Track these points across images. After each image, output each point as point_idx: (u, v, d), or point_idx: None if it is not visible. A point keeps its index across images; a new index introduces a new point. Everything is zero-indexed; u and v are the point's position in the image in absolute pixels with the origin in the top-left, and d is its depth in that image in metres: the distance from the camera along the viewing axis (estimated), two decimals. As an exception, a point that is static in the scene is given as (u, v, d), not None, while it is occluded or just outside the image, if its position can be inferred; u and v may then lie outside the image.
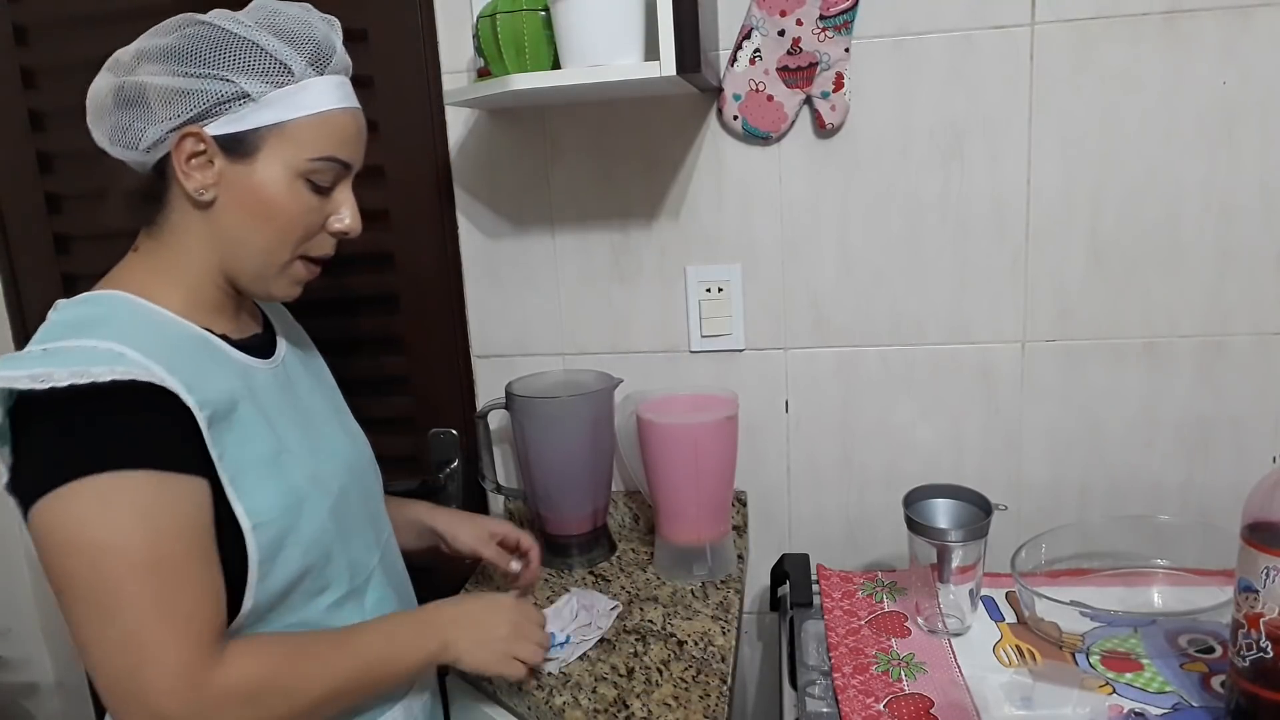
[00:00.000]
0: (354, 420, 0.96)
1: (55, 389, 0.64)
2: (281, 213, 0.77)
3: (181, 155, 0.74)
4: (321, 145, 0.77)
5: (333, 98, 0.78)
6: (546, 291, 1.30)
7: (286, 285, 0.82)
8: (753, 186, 1.21)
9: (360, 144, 0.82)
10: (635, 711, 0.88)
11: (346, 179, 0.82)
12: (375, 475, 0.94)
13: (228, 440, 0.72)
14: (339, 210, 0.81)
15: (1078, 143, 1.13)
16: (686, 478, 1.12)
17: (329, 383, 0.97)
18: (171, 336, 0.74)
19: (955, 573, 0.98)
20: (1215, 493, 1.19)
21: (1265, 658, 0.75)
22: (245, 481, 0.72)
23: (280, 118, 0.75)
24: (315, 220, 0.80)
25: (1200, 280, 1.14)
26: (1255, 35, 1.07)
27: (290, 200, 0.77)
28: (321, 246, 0.82)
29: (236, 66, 0.74)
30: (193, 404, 0.69)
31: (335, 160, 0.78)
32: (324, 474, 0.81)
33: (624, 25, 0.99)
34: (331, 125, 0.78)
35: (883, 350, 1.23)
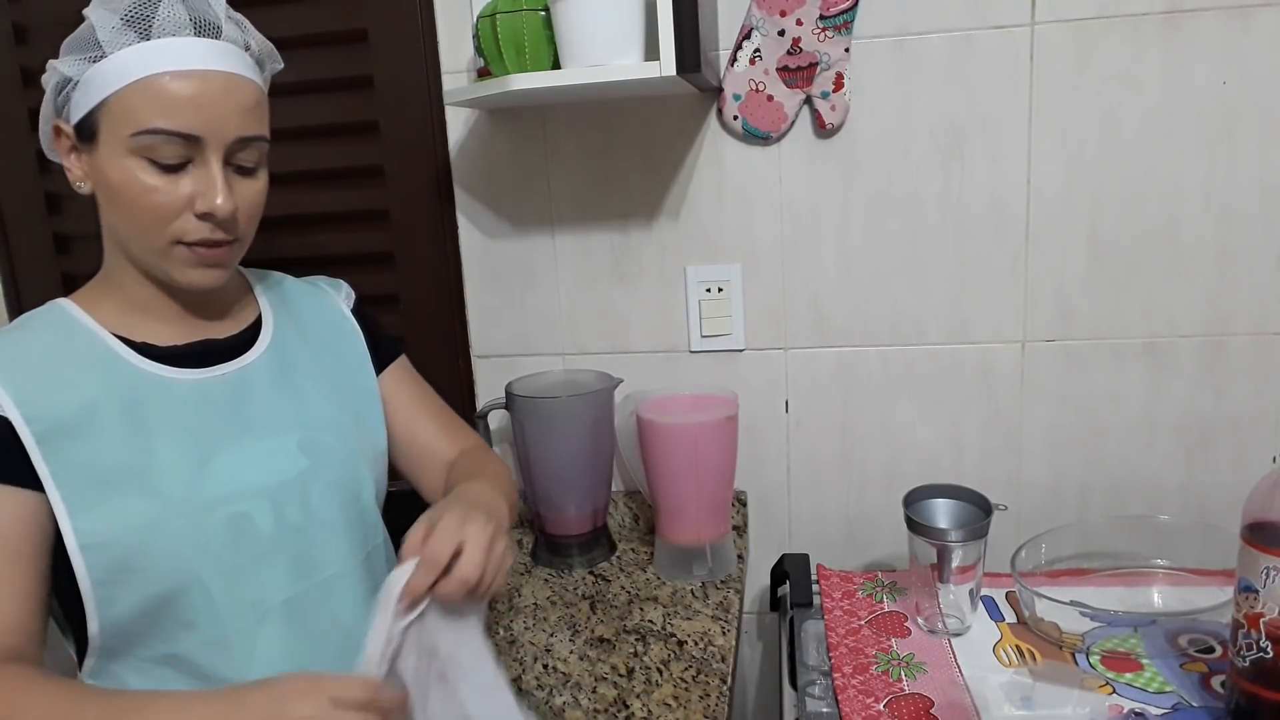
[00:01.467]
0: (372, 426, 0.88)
1: None
2: (124, 195, 0.72)
3: (61, 150, 0.75)
4: (143, 116, 0.69)
5: (156, 61, 0.69)
6: (546, 291, 1.30)
7: (182, 270, 0.75)
8: (753, 186, 1.21)
9: (203, 110, 0.70)
10: (635, 711, 0.88)
11: (206, 153, 0.72)
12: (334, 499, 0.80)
13: (68, 455, 0.69)
14: (202, 189, 0.72)
15: (1078, 143, 1.13)
16: (686, 478, 1.12)
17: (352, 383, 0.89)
18: (43, 346, 0.73)
19: (955, 573, 0.98)
20: (1215, 493, 1.19)
21: (1265, 658, 0.75)
22: (84, 499, 0.69)
23: (101, 95, 0.70)
24: (167, 201, 0.71)
25: (1200, 280, 1.15)
26: (1255, 35, 1.07)
27: (127, 182, 0.71)
28: (192, 230, 0.73)
29: (66, 50, 0.72)
30: (17, 417, 0.68)
31: (162, 131, 0.69)
32: (204, 500, 0.73)
33: (624, 25, 0.99)
34: (155, 92, 0.69)
35: (883, 350, 1.23)
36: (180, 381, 0.76)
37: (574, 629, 1.04)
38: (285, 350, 0.85)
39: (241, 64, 0.74)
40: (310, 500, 0.79)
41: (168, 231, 0.73)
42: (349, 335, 0.92)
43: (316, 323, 0.90)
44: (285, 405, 0.81)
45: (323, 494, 0.80)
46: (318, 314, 0.91)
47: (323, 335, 0.89)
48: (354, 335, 0.92)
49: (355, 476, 0.84)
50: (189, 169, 0.72)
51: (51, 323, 0.76)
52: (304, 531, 0.78)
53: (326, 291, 0.95)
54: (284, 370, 0.83)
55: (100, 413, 0.71)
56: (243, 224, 0.76)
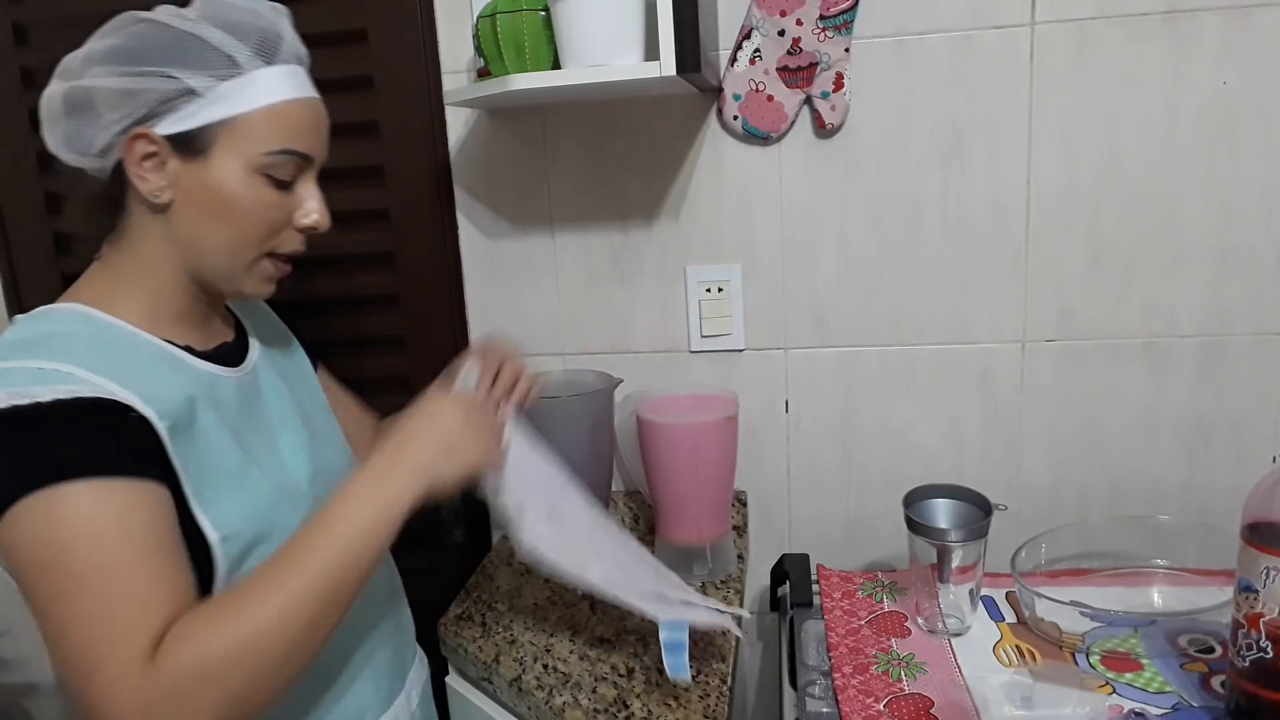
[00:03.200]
0: (336, 425, 0.93)
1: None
2: (240, 210, 0.74)
3: (134, 158, 0.72)
4: (276, 138, 0.74)
5: (285, 88, 0.75)
6: (546, 291, 1.30)
7: (257, 283, 0.79)
8: (753, 186, 1.21)
9: (319, 135, 0.78)
10: (635, 711, 0.88)
11: (309, 171, 0.79)
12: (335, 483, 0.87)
13: (191, 452, 0.70)
14: (304, 205, 0.78)
15: (1078, 143, 1.13)
16: (686, 478, 1.12)
17: (310, 385, 0.94)
18: (125, 350, 0.72)
19: (955, 573, 0.98)
20: (1215, 493, 1.19)
21: (1265, 658, 0.75)
22: (210, 493, 0.70)
23: (230, 112, 0.72)
24: (278, 216, 0.77)
25: (1200, 280, 1.15)
26: (1255, 35, 1.07)
27: (248, 197, 0.74)
28: (289, 243, 0.79)
29: (180, 62, 0.71)
30: (151, 415, 0.67)
31: (291, 153, 0.75)
32: (294, 485, 0.79)
33: (624, 25, 0.99)
34: (285, 117, 0.75)
35: (883, 350, 1.23)
36: (226, 378, 0.79)
37: (574, 629, 1.04)
38: (268, 351, 0.89)
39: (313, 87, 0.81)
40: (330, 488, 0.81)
41: (268, 244, 0.77)
42: (285, 333, 0.97)
43: (267, 324, 0.94)
44: (297, 402, 0.87)
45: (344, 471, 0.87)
46: (267, 320, 0.95)
47: (275, 335, 0.94)
48: (287, 333, 0.97)
49: (348, 461, 0.92)
50: (293, 187, 0.77)
51: (98, 327, 0.73)
52: None
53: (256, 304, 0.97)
54: (278, 371, 0.88)
55: (200, 410, 0.73)
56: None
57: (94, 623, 0.63)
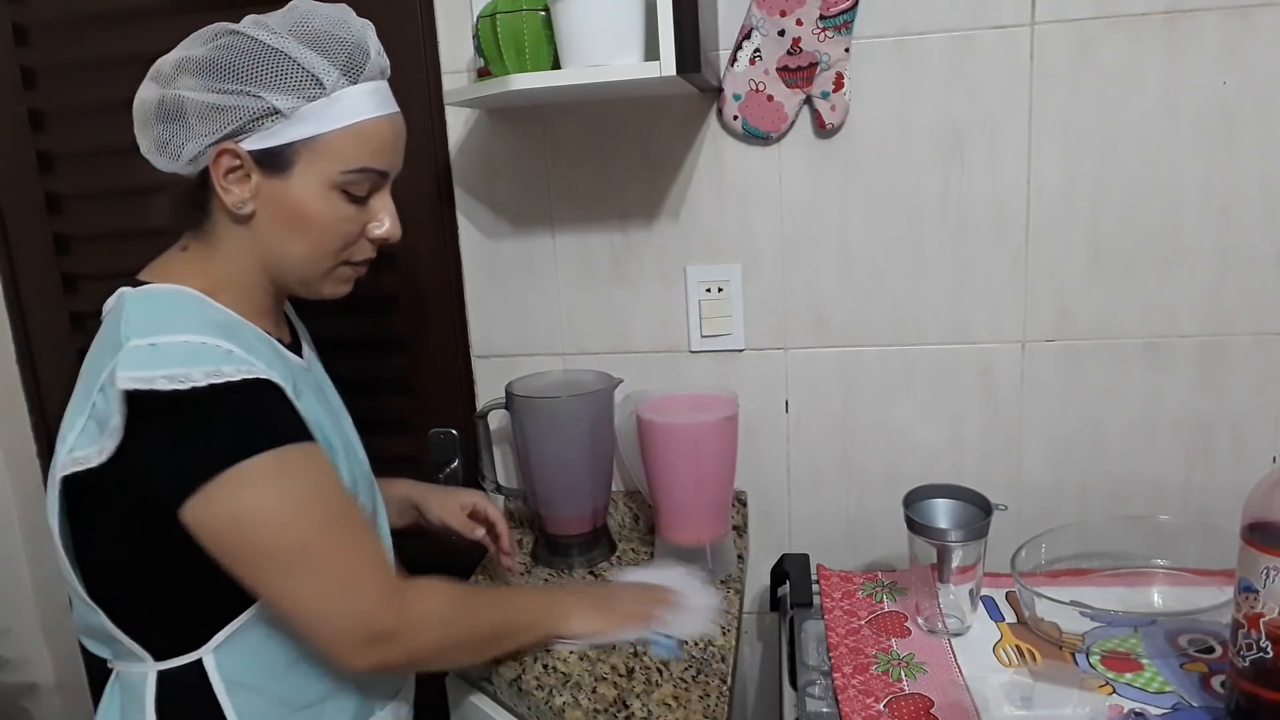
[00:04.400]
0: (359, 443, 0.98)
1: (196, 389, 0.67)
2: (317, 225, 0.78)
3: (219, 170, 0.75)
4: (355, 157, 0.77)
5: (366, 106, 0.77)
6: (546, 291, 1.30)
7: (334, 286, 0.85)
8: (753, 186, 1.21)
9: (397, 150, 0.82)
10: (635, 711, 0.88)
11: (384, 186, 0.82)
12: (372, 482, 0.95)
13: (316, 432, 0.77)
14: (378, 216, 0.82)
15: (1078, 143, 1.13)
16: (686, 478, 1.12)
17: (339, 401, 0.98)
18: (245, 334, 0.76)
19: (955, 573, 0.98)
20: (1215, 493, 1.19)
21: (1265, 658, 0.75)
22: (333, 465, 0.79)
23: (313, 131, 0.75)
24: (353, 229, 0.80)
25: (1200, 280, 1.14)
26: (1255, 35, 1.07)
27: (326, 213, 0.78)
28: (361, 252, 0.84)
29: (268, 82, 0.73)
30: (292, 395, 0.74)
31: (370, 171, 0.79)
32: (363, 470, 0.88)
33: (624, 25, 0.99)
34: (365, 135, 0.77)
35: (883, 350, 1.23)
36: (303, 370, 0.86)
37: (574, 629, 1.03)
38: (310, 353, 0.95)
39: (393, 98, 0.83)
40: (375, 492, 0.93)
41: (344, 254, 0.82)
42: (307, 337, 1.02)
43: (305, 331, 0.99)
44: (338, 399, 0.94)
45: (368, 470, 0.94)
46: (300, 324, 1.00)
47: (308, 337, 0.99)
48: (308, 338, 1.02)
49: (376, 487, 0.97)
50: (369, 200, 0.81)
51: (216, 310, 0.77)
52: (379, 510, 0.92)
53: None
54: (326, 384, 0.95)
55: (300, 390, 0.78)
56: None
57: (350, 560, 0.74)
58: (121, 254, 0.87)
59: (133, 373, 0.66)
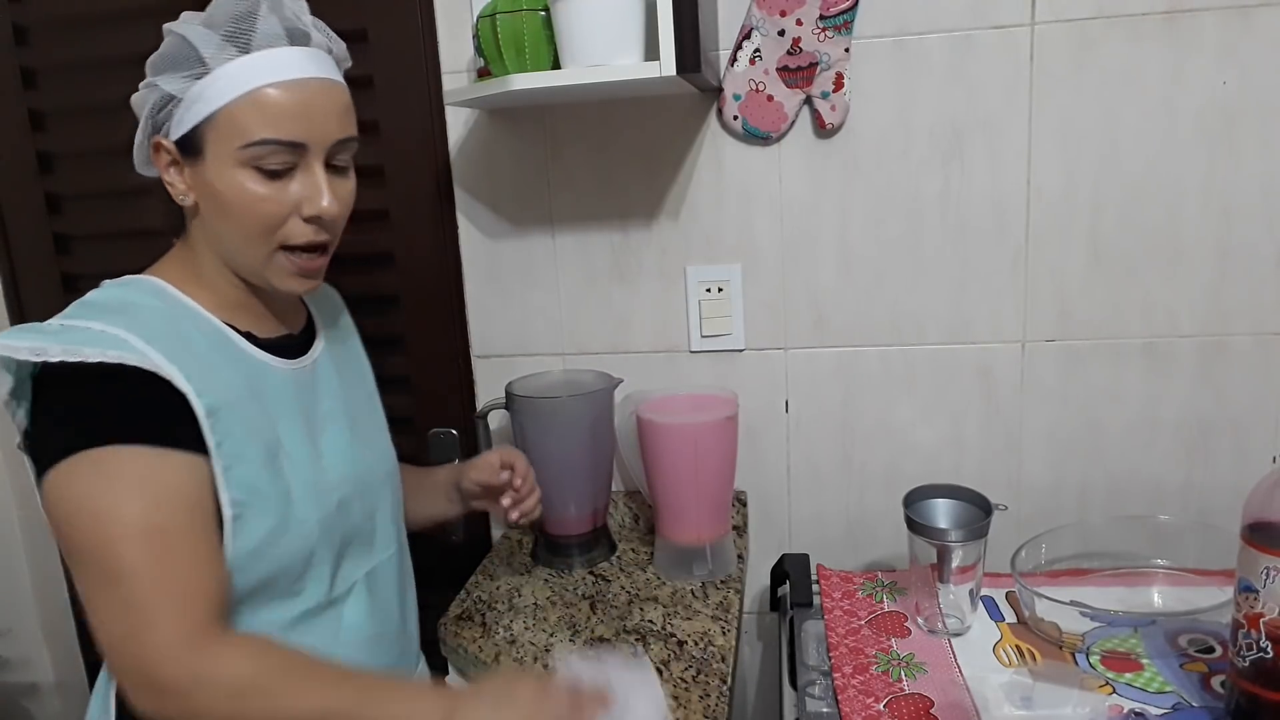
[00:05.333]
0: (384, 431, 0.95)
1: (52, 364, 0.66)
2: (234, 206, 0.74)
3: (161, 165, 0.76)
4: (252, 128, 0.72)
5: (258, 74, 0.72)
6: (546, 291, 1.29)
7: (280, 278, 0.78)
8: (753, 186, 1.21)
9: (310, 117, 0.74)
10: (635, 711, 0.88)
11: (310, 157, 0.75)
12: (391, 490, 0.92)
13: (226, 432, 0.71)
14: (309, 193, 0.75)
15: (1078, 143, 1.13)
16: (686, 478, 1.12)
17: (367, 388, 0.96)
18: (186, 329, 0.74)
19: (955, 573, 0.98)
20: (1215, 493, 1.19)
21: (1265, 658, 0.75)
22: (236, 474, 0.72)
23: (208, 110, 0.72)
24: (274, 210, 0.74)
25: (1200, 280, 1.14)
26: (1255, 35, 1.07)
27: (238, 192, 0.73)
28: (298, 234, 0.76)
29: (160, 67, 0.73)
30: (190, 392, 0.69)
31: (273, 142, 0.72)
32: (324, 484, 0.80)
33: (624, 25, 0.99)
34: (261, 105, 0.72)
35: (883, 350, 1.23)
36: (281, 370, 0.81)
37: (574, 629, 1.04)
38: (333, 348, 0.91)
39: (329, 67, 0.78)
40: (376, 489, 0.88)
41: (275, 237, 0.76)
42: (351, 329, 0.99)
43: (338, 322, 0.96)
44: (346, 400, 0.88)
45: (383, 483, 0.90)
46: (337, 313, 0.97)
47: (341, 331, 0.96)
48: (353, 329, 0.99)
49: (394, 467, 0.94)
50: (293, 174, 0.75)
51: (170, 302, 0.76)
52: (373, 517, 0.87)
53: (331, 294, 1.00)
54: (337, 368, 0.89)
55: (238, 394, 0.74)
56: (339, 225, 0.80)
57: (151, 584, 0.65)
58: (121, 254, 0.87)
59: (10, 341, 0.66)
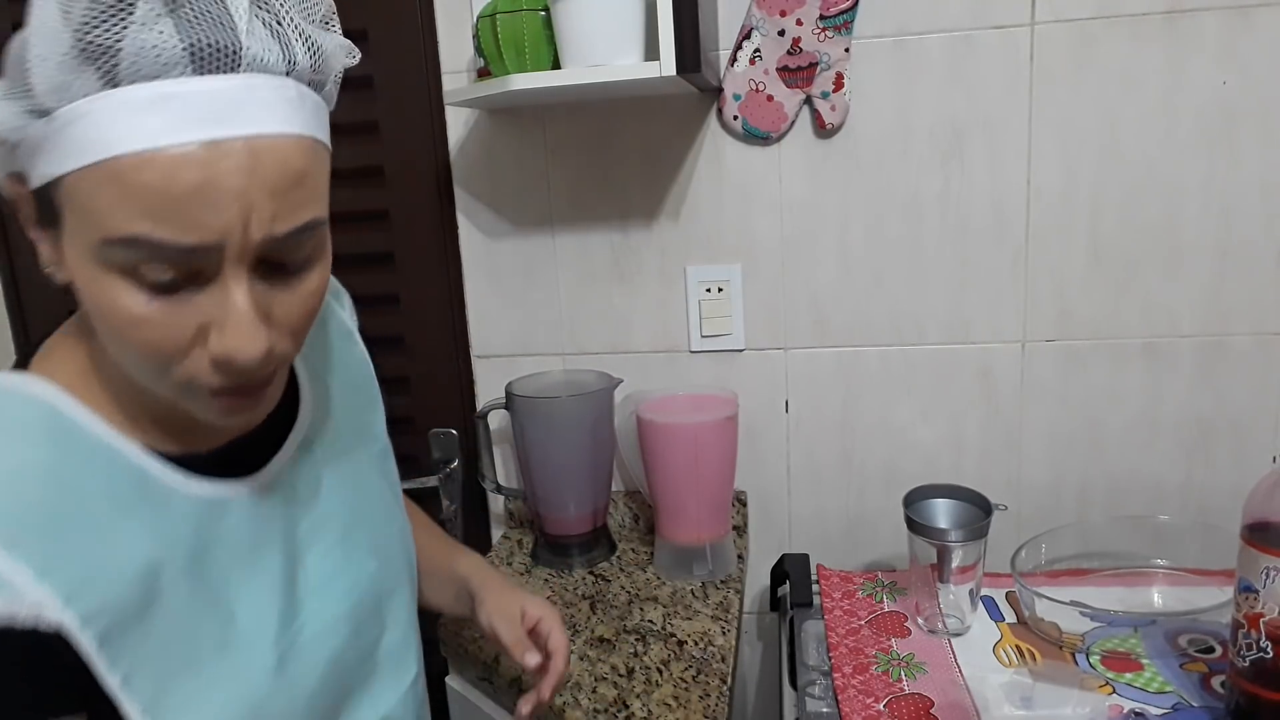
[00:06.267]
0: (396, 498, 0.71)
1: None
2: (105, 322, 0.46)
3: (20, 215, 0.50)
4: (116, 219, 0.42)
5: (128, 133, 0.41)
6: (546, 291, 1.29)
7: (208, 412, 0.50)
8: (753, 186, 1.21)
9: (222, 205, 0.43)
10: (635, 711, 0.88)
11: (224, 265, 0.45)
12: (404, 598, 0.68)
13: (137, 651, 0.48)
14: (217, 320, 0.46)
15: (1078, 143, 1.13)
16: (686, 478, 1.12)
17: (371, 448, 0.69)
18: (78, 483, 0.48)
19: (955, 573, 0.98)
20: (1215, 493, 1.19)
21: (1265, 658, 0.75)
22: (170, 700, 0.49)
23: (56, 169, 0.43)
24: (166, 337, 0.46)
25: (1200, 280, 1.14)
26: (1255, 35, 1.07)
27: (106, 306, 0.45)
28: (205, 376, 0.48)
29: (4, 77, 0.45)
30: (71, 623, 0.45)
31: (148, 243, 0.43)
32: (308, 652, 0.58)
33: (624, 25, 0.99)
34: (129, 184, 0.42)
35: (883, 350, 1.23)
36: (235, 501, 0.55)
37: (574, 629, 1.04)
38: (327, 418, 0.64)
39: (280, 107, 0.45)
40: (383, 609, 0.65)
41: (172, 374, 0.48)
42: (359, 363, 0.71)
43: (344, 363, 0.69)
44: (342, 494, 0.64)
45: (392, 596, 0.66)
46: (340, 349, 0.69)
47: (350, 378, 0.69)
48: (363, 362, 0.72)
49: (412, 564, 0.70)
50: (198, 284, 0.46)
51: (50, 433, 0.49)
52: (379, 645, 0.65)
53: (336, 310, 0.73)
54: (327, 447, 0.64)
55: (162, 575, 0.50)
56: (290, 340, 0.51)
57: None
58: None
59: None
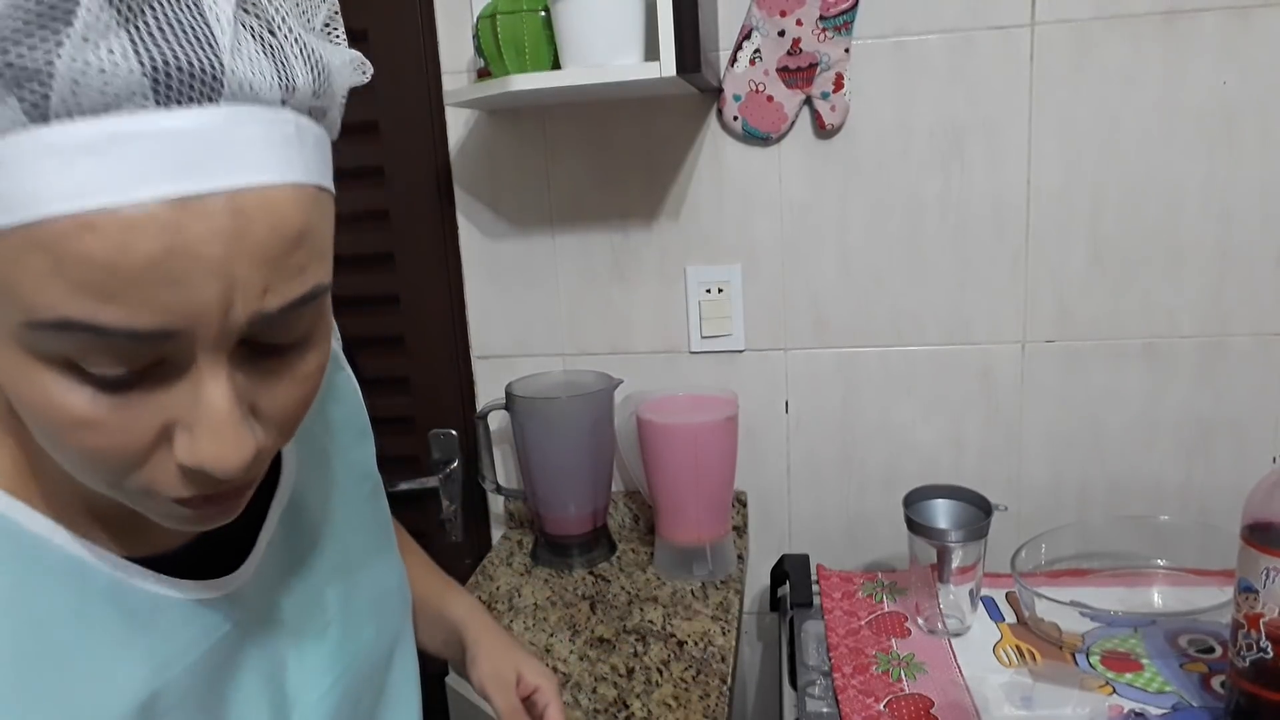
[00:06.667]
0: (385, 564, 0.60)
1: None
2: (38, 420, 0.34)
3: None
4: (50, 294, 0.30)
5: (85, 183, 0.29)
6: (546, 291, 1.30)
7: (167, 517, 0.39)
8: (753, 187, 1.21)
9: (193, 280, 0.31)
10: (635, 711, 0.88)
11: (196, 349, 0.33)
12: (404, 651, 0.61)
13: None
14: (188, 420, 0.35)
15: (1078, 143, 1.13)
16: (686, 478, 1.12)
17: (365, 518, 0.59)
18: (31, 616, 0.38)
19: (955, 573, 0.98)
20: (1215, 493, 1.19)
21: (1265, 658, 0.75)
22: None
23: None
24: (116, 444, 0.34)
25: (1200, 280, 1.15)
26: (1255, 35, 1.07)
27: (39, 401, 0.33)
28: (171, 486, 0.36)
29: None
30: None
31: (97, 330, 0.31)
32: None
33: (624, 25, 0.99)
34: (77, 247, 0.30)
35: (883, 350, 1.23)
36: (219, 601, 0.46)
37: (574, 629, 1.04)
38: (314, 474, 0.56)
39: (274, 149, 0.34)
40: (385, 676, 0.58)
41: (126, 484, 0.36)
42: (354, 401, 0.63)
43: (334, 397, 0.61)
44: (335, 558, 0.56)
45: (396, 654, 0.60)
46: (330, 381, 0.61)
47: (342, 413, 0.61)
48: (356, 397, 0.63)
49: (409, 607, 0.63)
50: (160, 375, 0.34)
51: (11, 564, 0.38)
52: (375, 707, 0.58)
53: None
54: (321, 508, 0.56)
55: (160, 704, 0.42)
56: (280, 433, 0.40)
57: None
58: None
59: None
